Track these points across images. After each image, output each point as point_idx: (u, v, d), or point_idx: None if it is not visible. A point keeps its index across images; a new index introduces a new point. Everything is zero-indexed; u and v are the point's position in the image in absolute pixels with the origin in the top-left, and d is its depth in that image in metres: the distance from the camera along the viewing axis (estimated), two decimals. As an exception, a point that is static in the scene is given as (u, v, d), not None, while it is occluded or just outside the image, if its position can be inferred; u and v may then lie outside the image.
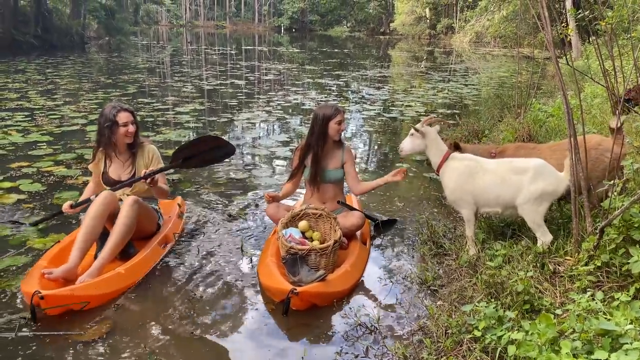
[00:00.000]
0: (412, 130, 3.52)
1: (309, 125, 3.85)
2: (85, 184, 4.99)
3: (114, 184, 3.60)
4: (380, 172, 5.90)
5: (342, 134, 3.84)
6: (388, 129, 8.43)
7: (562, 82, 3.06)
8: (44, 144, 6.49)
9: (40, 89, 11.13)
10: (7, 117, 7.89)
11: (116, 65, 17.62)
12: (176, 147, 3.79)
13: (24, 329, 2.70)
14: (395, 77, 17.32)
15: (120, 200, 3.52)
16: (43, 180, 5.10)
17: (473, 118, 7.92)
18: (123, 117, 3.59)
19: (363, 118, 9.37)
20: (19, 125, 7.38)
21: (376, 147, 7.48)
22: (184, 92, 11.66)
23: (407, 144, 3.55)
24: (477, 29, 40.03)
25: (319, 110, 3.72)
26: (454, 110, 9.91)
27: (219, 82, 13.81)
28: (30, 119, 7.91)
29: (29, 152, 6.08)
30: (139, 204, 3.40)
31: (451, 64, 23.80)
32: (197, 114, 9.00)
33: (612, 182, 2.83)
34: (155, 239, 3.62)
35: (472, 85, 14.49)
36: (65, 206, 3.59)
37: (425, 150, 3.51)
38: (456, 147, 3.84)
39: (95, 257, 3.27)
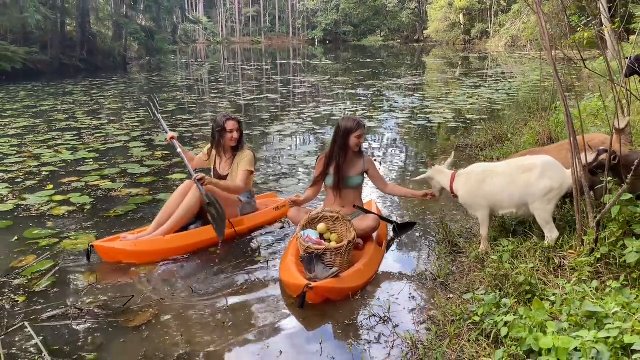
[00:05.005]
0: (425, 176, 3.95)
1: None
2: (128, 195, 5.45)
3: (220, 178, 4.48)
4: (405, 177, 6.13)
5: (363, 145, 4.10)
6: (415, 136, 8.63)
7: (561, 87, 3.24)
8: (91, 160, 7.02)
9: (86, 109, 11.86)
10: (57, 137, 8.52)
11: (156, 84, 18.43)
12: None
13: (79, 319, 3.09)
14: (428, 85, 17.44)
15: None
16: (92, 194, 5.56)
17: (498, 123, 8.03)
18: (230, 125, 4.39)
19: (392, 126, 9.60)
20: (68, 144, 7.97)
21: (402, 153, 7.69)
22: (220, 107, 12.17)
23: (435, 190, 3.95)
24: (512, 33, 39.61)
25: (342, 123, 3.97)
26: (482, 116, 10.01)
27: (253, 97, 14.29)
28: (78, 137, 8.52)
29: (78, 168, 6.60)
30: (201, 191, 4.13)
31: (486, 69, 23.69)
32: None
33: (606, 179, 2.98)
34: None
35: (504, 89, 14.49)
36: (170, 135, 4.56)
37: (436, 185, 3.90)
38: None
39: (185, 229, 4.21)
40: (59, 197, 5.42)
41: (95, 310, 3.20)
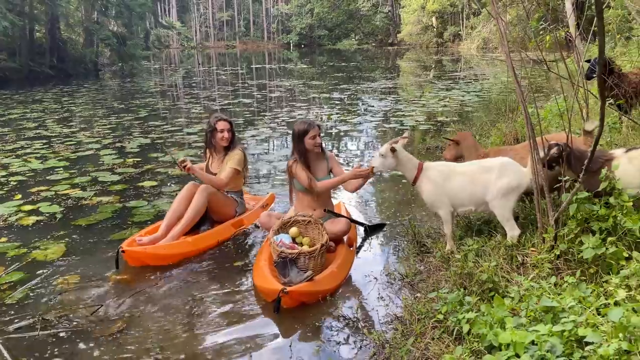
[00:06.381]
0: (383, 152, 3.71)
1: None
2: (98, 203, 5.42)
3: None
4: (378, 178, 6.21)
5: (327, 144, 4.14)
6: (387, 138, 8.72)
7: (520, 90, 3.35)
8: (61, 169, 6.92)
9: (56, 117, 11.68)
10: (26, 146, 8.37)
11: (129, 90, 18.24)
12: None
13: (47, 329, 3.06)
14: (401, 88, 17.64)
15: None
16: (62, 203, 5.49)
17: (467, 124, 8.19)
18: (221, 125, 4.53)
19: (365, 129, 9.70)
20: (38, 153, 7.85)
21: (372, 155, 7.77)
22: (193, 113, 12.12)
23: (379, 164, 3.75)
24: (484, 35, 40.30)
25: (295, 127, 4.03)
26: (453, 118, 10.18)
27: (227, 101, 14.27)
28: (47, 146, 8.39)
29: (47, 177, 6.51)
30: (208, 192, 4.31)
31: (459, 71, 24.03)
32: (203, 134, 9.38)
33: (564, 178, 3.09)
34: (229, 221, 4.52)
35: (475, 91, 14.74)
36: (182, 159, 4.34)
37: (396, 168, 3.74)
38: (457, 143, 4.38)
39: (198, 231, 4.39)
40: (27, 207, 5.35)
41: (64, 321, 3.18)
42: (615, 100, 5.49)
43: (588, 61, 5.81)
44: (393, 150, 3.66)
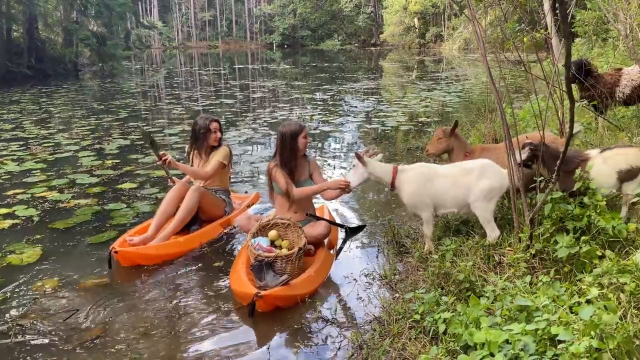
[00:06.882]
0: (355, 162, 3.75)
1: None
2: (76, 205, 5.35)
3: None
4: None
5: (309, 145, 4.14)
6: (370, 140, 8.76)
7: (496, 91, 3.39)
8: (38, 171, 6.81)
9: (34, 118, 11.49)
10: (2, 148, 8.22)
11: (109, 91, 18.02)
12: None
13: (19, 336, 3.01)
14: (383, 88, 17.71)
15: None
16: (38, 206, 5.40)
17: (448, 125, 8.24)
18: (214, 126, 4.61)
19: (347, 130, 9.72)
20: (14, 155, 7.71)
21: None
22: (174, 114, 12.02)
23: (354, 178, 3.76)
24: (465, 36, 40.64)
25: (285, 129, 3.99)
26: (434, 118, 10.26)
27: (209, 102, 14.18)
28: (24, 148, 8.24)
29: (24, 180, 6.40)
30: (199, 192, 4.35)
31: (441, 71, 24.20)
32: (185, 134, 9.32)
33: (539, 178, 3.14)
34: (217, 221, 4.58)
35: (455, 92, 14.86)
36: (162, 152, 4.35)
37: (371, 177, 3.75)
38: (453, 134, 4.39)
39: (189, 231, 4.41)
40: (3, 210, 5.25)
41: (39, 327, 3.13)
42: (590, 101, 5.58)
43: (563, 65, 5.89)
44: (359, 157, 3.71)
